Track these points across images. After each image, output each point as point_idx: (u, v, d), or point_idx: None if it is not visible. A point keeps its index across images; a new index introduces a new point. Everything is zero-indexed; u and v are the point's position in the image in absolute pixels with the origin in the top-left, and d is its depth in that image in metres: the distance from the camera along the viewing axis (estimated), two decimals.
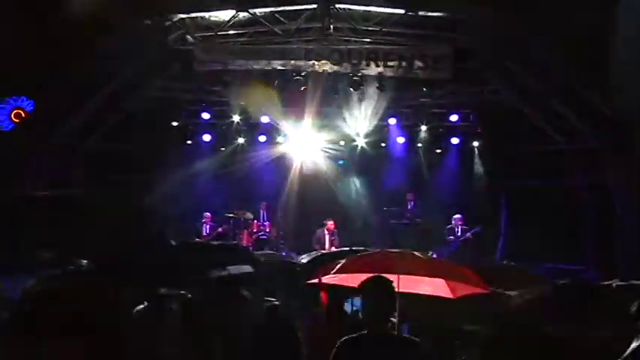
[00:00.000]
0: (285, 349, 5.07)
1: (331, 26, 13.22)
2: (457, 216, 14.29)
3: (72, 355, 3.45)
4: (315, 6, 12.54)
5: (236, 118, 15.10)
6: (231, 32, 13.26)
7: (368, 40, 13.15)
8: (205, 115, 15.10)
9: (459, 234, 14.12)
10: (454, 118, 15.16)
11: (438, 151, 16.05)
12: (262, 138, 15.69)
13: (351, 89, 13.69)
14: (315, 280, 6.16)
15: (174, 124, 15.12)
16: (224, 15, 12.67)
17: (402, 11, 12.31)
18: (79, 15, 10.73)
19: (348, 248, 11.74)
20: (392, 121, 15.23)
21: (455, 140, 15.57)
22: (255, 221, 14.97)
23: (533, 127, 13.60)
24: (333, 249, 13.84)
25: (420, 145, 15.98)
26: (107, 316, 3.96)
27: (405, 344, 4.05)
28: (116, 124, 13.77)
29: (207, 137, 15.45)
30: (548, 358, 3.39)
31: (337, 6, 12.52)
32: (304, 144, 15.45)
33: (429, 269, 5.58)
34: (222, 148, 15.85)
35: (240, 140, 15.65)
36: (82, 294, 3.98)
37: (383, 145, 15.80)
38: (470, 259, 11.18)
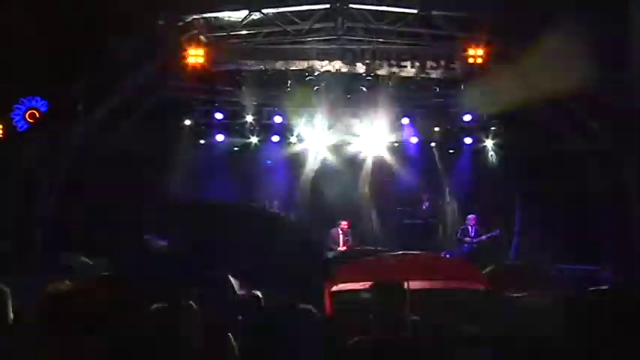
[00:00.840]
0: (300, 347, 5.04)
1: (344, 26, 13.20)
2: (471, 216, 14.21)
3: (93, 353, 3.46)
4: (328, 6, 12.52)
5: (249, 118, 15.11)
6: (243, 32, 13.26)
7: (381, 39, 13.10)
8: (218, 115, 15.12)
9: (473, 234, 14.03)
10: (467, 117, 15.04)
11: (451, 151, 15.96)
12: (275, 138, 15.68)
13: (364, 89, 13.66)
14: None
15: (187, 123, 15.16)
16: (237, 15, 12.68)
17: (415, 11, 12.26)
18: (91, 15, 10.82)
19: (359, 248, 11.74)
20: (405, 120, 15.15)
21: (468, 140, 15.47)
22: None
23: (548, 127, 13.47)
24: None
25: (433, 145, 15.91)
26: (127, 315, 3.98)
27: (414, 345, 4.02)
28: (128, 123, 13.82)
29: (220, 137, 15.48)
30: None
31: (350, 6, 12.50)
32: (317, 144, 15.43)
33: (438, 270, 5.55)
34: (235, 148, 15.87)
35: (253, 140, 15.65)
36: (102, 293, 3.99)
37: (396, 144, 15.72)
38: (484, 260, 11.09)
